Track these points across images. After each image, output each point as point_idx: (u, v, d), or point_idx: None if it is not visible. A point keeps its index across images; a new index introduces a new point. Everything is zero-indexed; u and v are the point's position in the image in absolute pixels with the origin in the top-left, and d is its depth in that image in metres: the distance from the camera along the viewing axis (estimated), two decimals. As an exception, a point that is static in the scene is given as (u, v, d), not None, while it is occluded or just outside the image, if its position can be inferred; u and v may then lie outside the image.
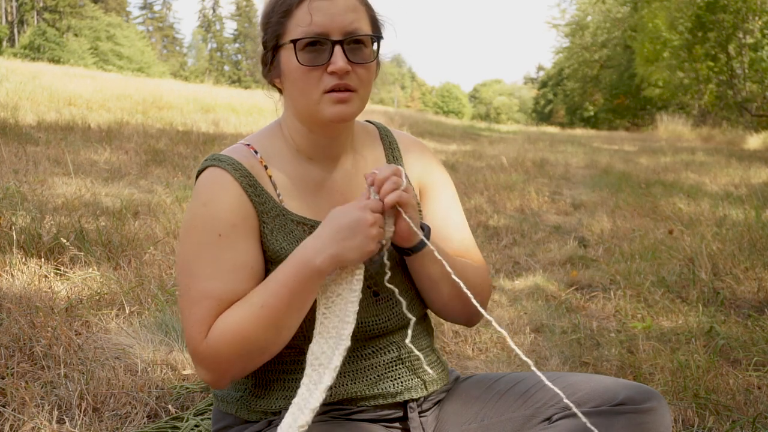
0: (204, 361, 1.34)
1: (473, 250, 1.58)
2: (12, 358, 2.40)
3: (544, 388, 1.42)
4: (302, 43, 1.35)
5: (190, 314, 1.35)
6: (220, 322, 1.33)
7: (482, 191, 7.29)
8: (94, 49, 48.80)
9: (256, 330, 1.31)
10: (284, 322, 1.33)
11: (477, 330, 3.20)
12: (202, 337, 1.33)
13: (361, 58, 1.38)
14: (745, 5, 20.32)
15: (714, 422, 2.26)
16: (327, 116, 1.38)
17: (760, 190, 7.48)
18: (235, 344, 1.31)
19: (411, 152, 1.60)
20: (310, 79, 1.36)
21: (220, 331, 1.32)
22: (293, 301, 1.32)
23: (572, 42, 45.57)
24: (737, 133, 19.62)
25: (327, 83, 1.36)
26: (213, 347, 1.32)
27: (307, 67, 1.35)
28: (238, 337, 1.31)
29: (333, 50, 1.35)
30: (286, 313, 1.32)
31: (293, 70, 1.37)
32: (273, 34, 1.40)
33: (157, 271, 3.50)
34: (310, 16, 1.35)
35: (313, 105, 1.38)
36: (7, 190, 4.73)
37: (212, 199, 1.38)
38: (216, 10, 77.90)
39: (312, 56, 1.35)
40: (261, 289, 1.34)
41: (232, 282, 1.35)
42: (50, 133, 8.46)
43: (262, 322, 1.31)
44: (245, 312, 1.32)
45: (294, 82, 1.39)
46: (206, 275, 1.35)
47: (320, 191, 1.47)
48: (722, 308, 3.50)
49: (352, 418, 1.42)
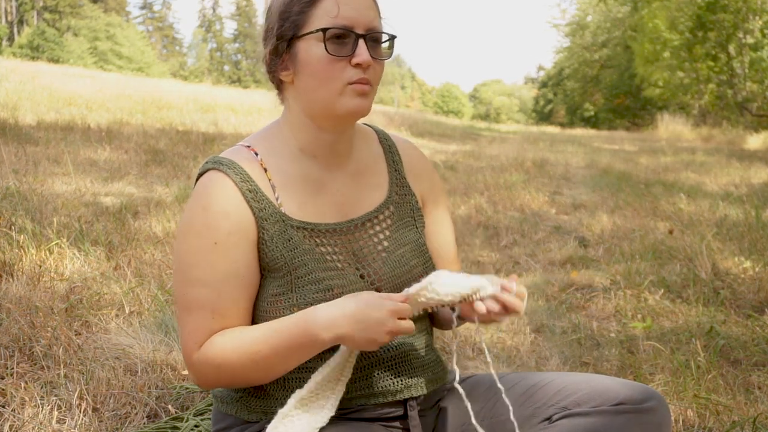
0: (192, 369, 1.40)
1: (456, 256, 1.66)
2: (12, 358, 2.40)
3: (544, 387, 1.43)
4: (331, 33, 1.35)
5: (185, 321, 1.38)
6: (213, 345, 1.36)
7: (482, 191, 7.29)
8: (93, 49, 48.77)
9: (244, 368, 1.35)
10: (275, 369, 1.36)
11: (477, 330, 3.19)
12: (195, 347, 1.37)
13: (378, 55, 1.40)
14: (745, 5, 20.31)
15: (714, 422, 2.25)
16: (347, 108, 1.38)
17: (760, 190, 7.48)
18: (221, 372, 1.37)
19: (410, 158, 1.62)
20: (334, 69, 1.36)
21: (211, 354, 1.36)
22: (288, 357, 1.34)
23: (572, 42, 45.54)
24: (737, 133, 19.62)
25: (351, 75, 1.37)
26: (202, 364, 1.37)
27: (335, 57, 1.35)
28: (227, 368, 1.36)
29: (357, 43, 1.36)
30: (278, 363, 1.35)
31: (316, 60, 1.37)
32: (293, 24, 1.39)
33: (157, 271, 3.50)
34: (338, 8, 1.36)
35: (334, 95, 1.38)
36: (7, 190, 4.73)
37: (211, 205, 1.38)
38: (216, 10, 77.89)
39: (337, 47, 1.36)
40: (262, 333, 1.35)
41: (225, 292, 1.36)
42: (50, 133, 8.46)
43: (252, 365, 1.35)
44: (240, 348, 1.35)
45: (314, 73, 1.38)
46: (201, 283, 1.36)
47: (321, 191, 1.47)
48: (722, 308, 3.50)
49: (351, 417, 1.42)
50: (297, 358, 1.35)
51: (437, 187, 1.64)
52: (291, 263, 1.39)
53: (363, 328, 1.28)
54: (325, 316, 1.31)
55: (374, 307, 1.29)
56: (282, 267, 1.39)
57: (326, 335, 1.30)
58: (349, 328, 1.29)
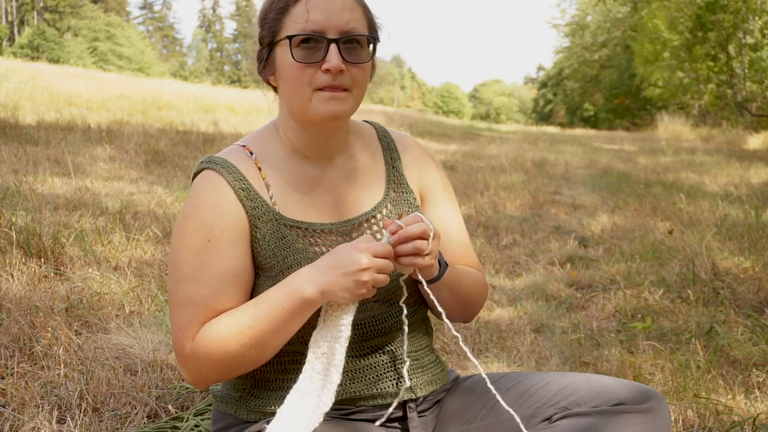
0: (186, 364, 1.38)
1: (470, 253, 1.60)
2: (12, 358, 2.40)
3: (544, 387, 1.43)
4: (297, 40, 1.35)
5: (177, 317, 1.38)
6: (206, 331, 1.35)
7: (482, 191, 7.29)
8: (93, 49, 48.77)
9: (239, 347, 1.34)
10: (269, 343, 1.35)
11: (477, 330, 3.20)
12: (187, 341, 1.36)
13: (356, 58, 1.38)
14: (745, 5, 20.30)
15: (714, 422, 2.25)
16: (319, 114, 1.38)
17: (760, 190, 7.48)
18: (217, 356, 1.34)
19: (410, 154, 1.60)
20: (303, 75, 1.36)
21: (205, 341, 1.35)
22: (280, 325, 1.33)
23: (572, 42, 45.55)
24: (737, 133, 19.61)
25: (319, 81, 1.36)
26: (196, 353, 1.36)
27: (302, 63, 1.35)
28: (221, 350, 1.34)
29: (328, 48, 1.35)
30: (271, 336, 1.34)
31: (287, 67, 1.38)
32: (270, 31, 1.40)
33: (157, 271, 3.50)
34: (307, 13, 1.35)
35: (305, 102, 1.38)
36: (7, 190, 4.73)
37: (205, 204, 1.38)
38: (216, 10, 77.91)
39: (307, 53, 1.36)
40: (251, 308, 1.35)
41: (218, 289, 1.36)
42: (50, 133, 8.45)
43: (246, 341, 1.33)
44: (232, 328, 1.34)
45: (288, 79, 1.39)
46: (194, 280, 1.36)
47: (315, 190, 1.47)
48: (722, 308, 3.50)
49: (351, 418, 1.42)
50: (288, 325, 1.33)
51: (438, 181, 1.62)
52: (284, 262, 1.39)
53: (339, 273, 1.28)
54: (304, 273, 1.32)
55: (345, 250, 1.30)
56: (275, 266, 1.39)
57: (311, 289, 1.30)
58: (327, 277, 1.29)
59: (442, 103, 76.99)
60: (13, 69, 16.71)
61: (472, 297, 1.54)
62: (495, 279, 4.17)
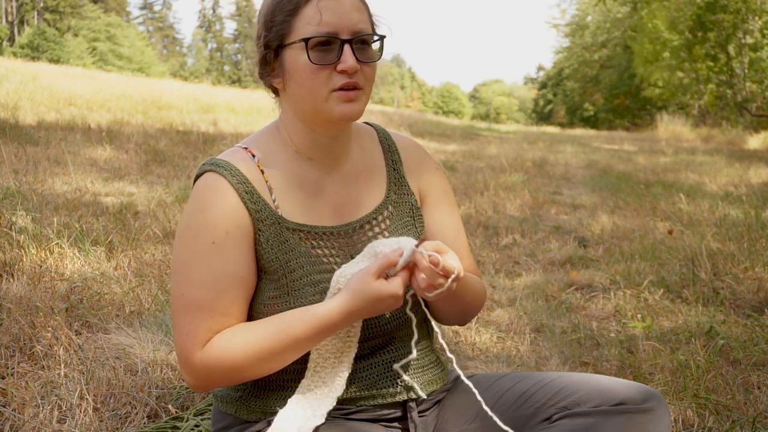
0: (193, 371, 1.37)
1: (469, 257, 1.60)
2: (12, 358, 2.40)
3: (543, 387, 1.43)
4: (314, 42, 1.35)
5: (183, 322, 1.37)
6: (219, 344, 1.35)
7: (482, 191, 7.29)
8: (93, 49, 48.76)
9: (251, 365, 1.35)
10: (279, 363, 1.37)
11: (477, 330, 3.20)
12: (196, 348, 1.36)
13: (367, 57, 1.39)
14: (745, 5, 20.31)
15: (714, 422, 2.25)
16: (336, 114, 1.38)
17: (760, 190, 7.48)
18: (226, 370, 1.36)
19: (410, 156, 1.60)
20: (319, 77, 1.36)
21: (218, 354, 1.35)
22: (303, 350, 1.37)
23: (572, 42, 45.54)
24: (737, 133, 19.63)
25: (336, 81, 1.36)
26: (205, 363, 1.36)
27: (318, 65, 1.35)
28: (234, 366, 1.35)
29: (342, 49, 1.35)
30: (291, 357, 1.37)
31: (302, 69, 1.37)
32: (277, 33, 1.39)
33: (157, 271, 3.50)
34: (320, 15, 1.35)
35: (321, 103, 1.38)
36: (7, 190, 4.73)
37: (208, 206, 1.38)
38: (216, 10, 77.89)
39: (322, 55, 1.35)
40: (271, 330, 1.35)
41: (223, 293, 1.36)
42: (50, 133, 8.46)
43: (258, 361, 1.35)
44: (248, 346, 1.35)
45: (301, 81, 1.38)
46: (199, 283, 1.36)
47: (319, 193, 1.47)
48: (722, 308, 3.50)
49: (351, 418, 1.43)
50: (305, 349, 1.37)
51: (438, 183, 1.61)
52: (286, 266, 1.39)
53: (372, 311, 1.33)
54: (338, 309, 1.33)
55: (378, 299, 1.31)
56: (277, 269, 1.39)
57: (343, 324, 1.34)
58: (367, 314, 1.34)
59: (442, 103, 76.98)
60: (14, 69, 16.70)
61: (471, 305, 1.56)
62: (495, 279, 4.18)
